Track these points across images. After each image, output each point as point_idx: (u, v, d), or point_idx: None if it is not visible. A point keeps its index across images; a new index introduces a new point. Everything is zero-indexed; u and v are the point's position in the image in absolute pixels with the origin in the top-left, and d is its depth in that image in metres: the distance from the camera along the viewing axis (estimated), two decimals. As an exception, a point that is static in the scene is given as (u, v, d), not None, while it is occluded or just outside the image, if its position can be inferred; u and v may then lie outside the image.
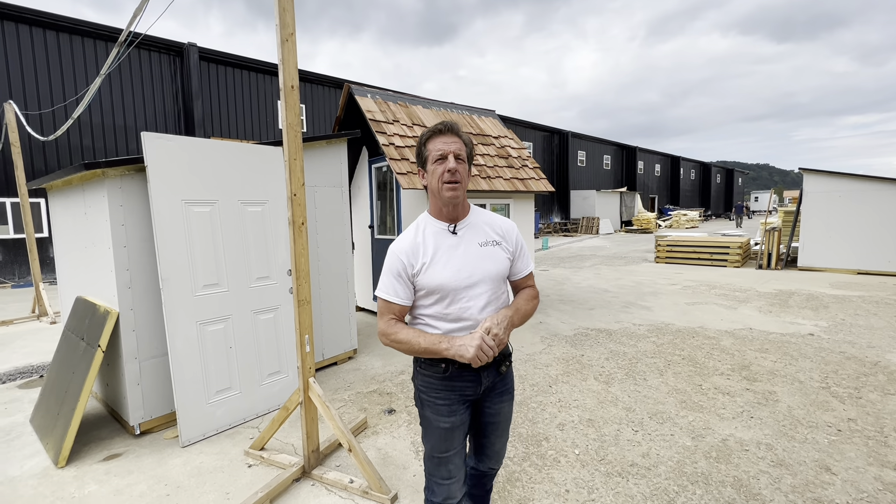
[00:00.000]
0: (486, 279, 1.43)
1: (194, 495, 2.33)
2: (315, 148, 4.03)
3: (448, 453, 1.48)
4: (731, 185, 48.21)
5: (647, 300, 6.77)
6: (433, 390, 1.46)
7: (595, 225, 23.16)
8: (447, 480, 1.49)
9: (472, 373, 1.44)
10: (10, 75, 10.08)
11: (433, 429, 1.47)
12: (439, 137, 1.41)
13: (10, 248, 10.39)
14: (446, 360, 1.41)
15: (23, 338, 5.55)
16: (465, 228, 1.47)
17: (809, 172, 9.32)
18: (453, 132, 1.42)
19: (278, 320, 3.31)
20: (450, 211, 1.45)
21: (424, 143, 1.43)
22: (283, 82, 2.24)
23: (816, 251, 9.18)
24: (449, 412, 1.46)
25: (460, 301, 1.41)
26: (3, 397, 3.70)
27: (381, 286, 1.44)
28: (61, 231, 3.71)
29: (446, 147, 1.39)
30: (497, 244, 1.48)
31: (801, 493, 2.23)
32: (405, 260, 1.41)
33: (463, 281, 1.41)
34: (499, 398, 1.54)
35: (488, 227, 1.50)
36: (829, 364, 3.94)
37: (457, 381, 1.44)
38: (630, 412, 3.13)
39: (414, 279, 1.42)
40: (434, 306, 1.43)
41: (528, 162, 6.44)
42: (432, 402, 1.46)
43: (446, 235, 1.45)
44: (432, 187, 1.43)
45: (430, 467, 1.51)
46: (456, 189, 1.39)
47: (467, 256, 1.43)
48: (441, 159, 1.39)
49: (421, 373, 1.49)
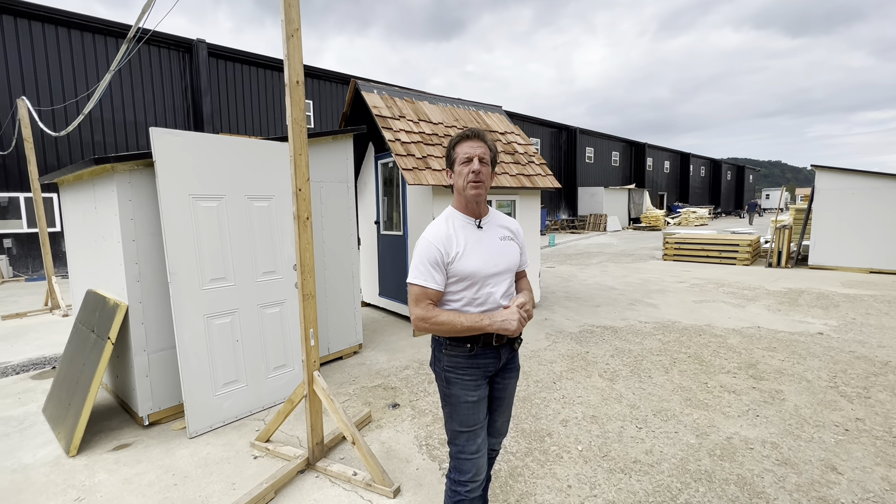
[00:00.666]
0: (507, 268, 1.62)
1: (201, 485, 2.37)
2: (321, 143, 4.05)
3: (476, 426, 1.61)
4: (741, 182, 47.61)
5: (653, 298, 6.72)
6: (460, 368, 1.59)
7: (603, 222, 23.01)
8: (476, 454, 1.61)
9: (493, 350, 1.60)
10: (24, 71, 10.23)
11: (462, 404, 1.59)
12: (467, 142, 1.58)
13: (24, 243, 10.58)
14: (471, 341, 1.56)
15: (36, 330, 5.65)
16: (488, 224, 1.65)
17: (822, 169, 9.18)
18: (480, 138, 1.59)
19: (284, 314, 3.34)
20: (474, 207, 1.62)
21: (453, 147, 1.60)
22: (289, 78, 2.25)
23: (828, 249, 9.04)
24: (475, 386, 1.60)
25: (487, 286, 1.57)
26: (17, 387, 3.79)
27: (417, 274, 1.53)
28: (72, 225, 3.77)
29: (472, 151, 1.55)
30: (512, 239, 1.69)
31: (806, 492, 2.21)
32: (442, 249, 1.53)
33: (490, 269, 1.57)
34: (509, 374, 1.71)
35: (503, 224, 1.70)
36: (838, 363, 3.90)
37: (481, 359, 1.59)
38: (634, 409, 3.12)
39: (448, 266, 1.54)
40: (464, 292, 1.57)
41: (535, 158, 6.41)
42: (460, 379, 1.59)
43: (473, 229, 1.61)
44: (458, 186, 1.59)
45: (461, 443, 1.61)
46: (479, 188, 1.56)
47: (492, 248, 1.61)
48: (467, 161, 1.55)
49: (447, 354, 1.61)
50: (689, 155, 38.22)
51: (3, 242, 10.30)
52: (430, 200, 4.93)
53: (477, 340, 1.57)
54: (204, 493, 2.31)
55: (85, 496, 2.29)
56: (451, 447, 1.66)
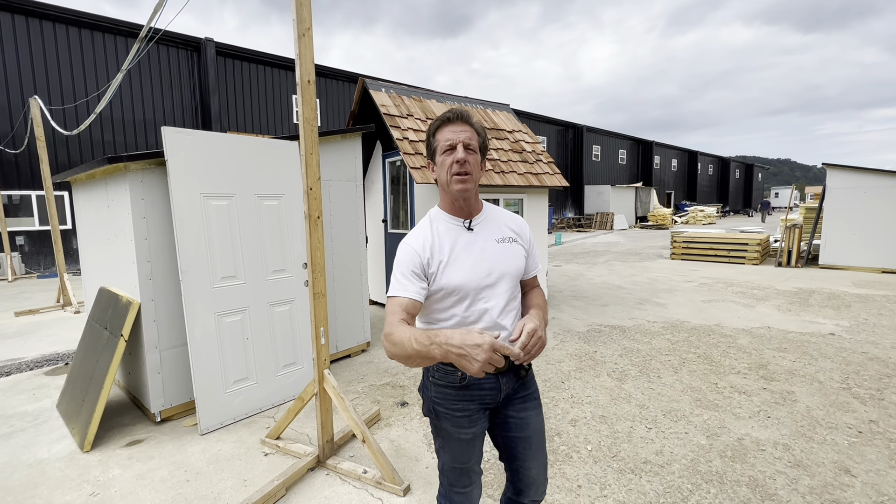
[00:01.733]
0: (505, 276, 1.34)
1: (213, 481, 2.39)
2: (330, 142, 4.06)
3: (470, 462, 1.41)
4: (750, 180, 47.14)
5: (661, 297, 6.68)
6: (450, 401, 1.35)
7: (609, 220, 22.89)
8: (468, 488, 1.44)
9: (490, 378, 1.34)
10: (35, 71, 10.35)
11: (453, 441, 1.37)
12: (448, 126, 1.30)
13: (36, 240, 10.72)
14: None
15: (48, 326, 5.73)
16: (481, 224, 1.37)
17: (833, 168, 9.06)
18: (463, 120, 1.30)
19: (294, 313, 3.36)
20: (461, 205, 1.35)
21: (433, 134, 1.32)
22: (300, 77, 2.26)
23: (839, 249, 8.93)
24: (469, 423, 1.35)
25: (480, 301, 1.30)
26: (31, 383, 3.84)
27: (393, 282, 1.30)
28: (85, 223, 3.81)
29: (455, 136, 1.27)
30: (514, 240, 1.39)
31: (819, 494, 2.19)
32: (422, 254, 1.29)
33: (483, 279, 1.30)
34: (521, 404, 1.41)
35: (503, 223, 1.41)
36: (851, 364, 3.85)
37: (475, 390, 1.33)
38: (644, 409, 3.10)
39: (430, 277, 1.30)
40: (453, 309, 1.31)
41: (543, 156, 6.38)
42: (450, 415, 1.35)
43: (461, 231, 1.34)
44: (442, 180, 1.32)
45: (451, 478, 1.43)
46: (466, 181, 1.28)
47: (485, 253, 1.33)
48: (450, 150, 1.28)
49: (435, 384, 1.37)
50: (697, 153, 37.90)
51: (16, 240, 10.44)
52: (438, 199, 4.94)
53: None
54: (216, 489, 2.33)
55: (100, 491, 2.32)
56: (441, 476, 1.47)
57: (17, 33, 10.12)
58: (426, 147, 1.37)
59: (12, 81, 10.09)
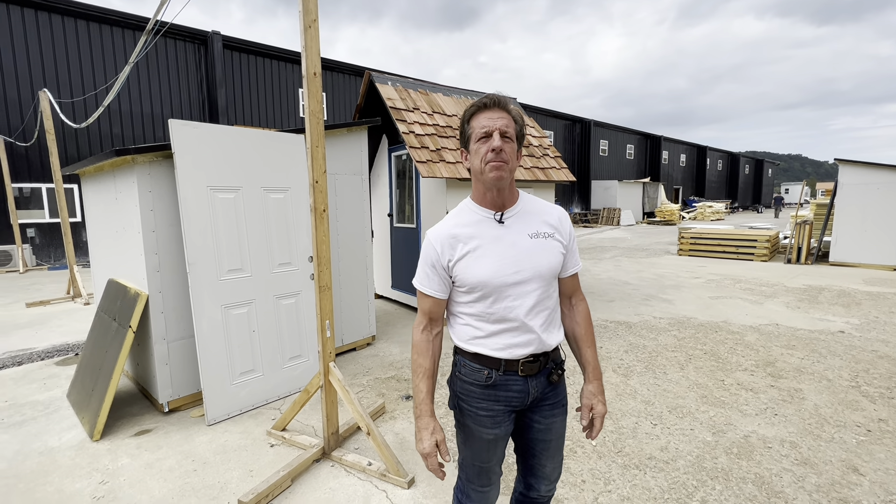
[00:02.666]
0: (536, 276, 1.26)
1: (220, 471, 2.42)
2: (336, 136, 4.05)
3: (490, 462, 1.37)
4: (760, 176, 46.54)
5: (668, 293, 6.64)
6: (474, 399, 1.32)
7: (616, 216, 22.74)
8: (486, 488, 1.41)
9: (518, 380, 1.29)
10: (45, 64, 10.42)
11: (476, 440, 1.34)
12: (484, 113, 1.22)
13: (46, 232, 10.85)
14: (490, 366, 1.29)
15: (58, 318, 5.81)
16: (514, 217, 1.29)
17: (845, 163, 8.91)
18: (500, 106, 1.23)
19: (299, 306, 3.37)
20: (494, 196, 1.27)
21: (468, 120, 1.25)
22: (306, 69, 2.25)
23: (850, 246, 8.81)
24: (493, 423, 1.31)
25: (505, 300, 1.25)
26: (42, 373, 3.90)
27: (417, 274, 1.34)
28: (94, 216, 3.84)
29: (492, 123, 1.20)
30: (550, 235, 1.29)
31: (827, 492, 2.17)
32: (439, 249, 1.27)
33: (509, 277, 1.24)
34: (550, 411, 1.36)
35: (540, 216, 1.31)
36: (860, 362, 3.81)
37: (501, 391, 1.30)
38: (649, 405, 3.09)
39: (451, 271, 1.27)
40: (476, 304, 1.28)
41: (550, 151, 6.34)
42: (474, 413, 1.32)
43: (491, 225, 1.27)
44: (475, 169, 1.25)
45: (470, 474, 1.40)
46: (501, 169, 1.20)
47: (514, 249, 1.25)
48: (485, 137, 1.21)
49: (460, 379, 1.34)
50: (706, 148, 37.47)
51: (27, 232, 10.57)
52: (444, 193, 4.92)
53: (497, 365, 1.28)
54: (222, 479, 2.36)
55: (109, 479, 2.36)
56: (460, 471, 1.44)
57: (27, 27, 10.18)
58: (460, 135, 1.30)
59: (22, 75, 10.18)
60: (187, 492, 2.26)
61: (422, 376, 1.29)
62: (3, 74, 9.96)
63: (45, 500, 2.21)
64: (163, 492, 2.26)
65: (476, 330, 1.30)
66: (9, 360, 4.20)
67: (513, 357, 1.28)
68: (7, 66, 9.99)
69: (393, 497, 2.19)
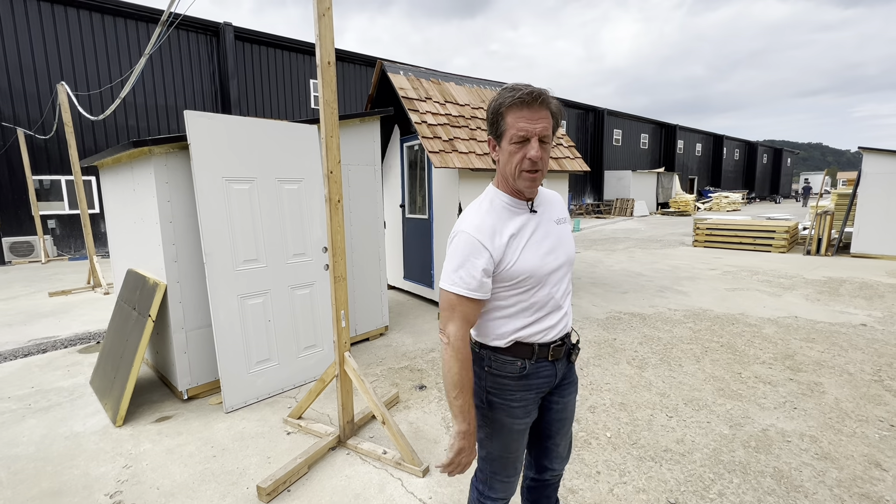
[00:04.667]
0: (568, 260, 1.30)
1: (238, 458, 2.47)
2: (348, 126, 4.04)
3: (519, 452, 1.38)
4: (778, 165, 45.40)
5: (683, 285, 6.54)
6: (507, 391, 1.30)
7: (629, 207, 22.43)
8: (511, 477, 1.41)
9: (548, 365, 1.31)
10: (61, 57, 10.56)
11: (507, 431, 1.33)
12: (525, 111, 1.12)
13: (66, 224, 11.08)
14: (522, 357, 1.28)
15: (80, 307, 5.96)
16: (541, 206, 1.30)
17: (870, 152, 8.63)
18: (543, 104, 1.13)
19: (314, 296, 3.40)
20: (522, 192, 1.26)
21: (503, 113, 1.15)
22: (320, 58, 2.23)
23: (873, 237, 8.57)
24: (524, 413, 1.32)
25: (548, 286, 1.26)
26: (66, 360, 4.01)
27: (453, 277, 1.19)
28: (112, 207, 3.90)
29: (531, 127, 1.12)
30: (566, 220, 1.36)
31: (848, 487, 2.14)
32: (488, 244, 1.18)
33: (551, 264, 1.25)
34: (567, 390, 1.41)
35: (554, 202, 1.35)
36: (883, 356, 3.72)
37: (534, 379, 1.30)
38: (664, 398, 3.06)
39: (498, 265, 1.21)
40: (518, 296, 1.24)
41: (563, 140, 6.25)
42: (506, 406, 1.30)
43: (525, 214, 1.26)
44: (506, 170, 1.20)
45: (496, 466, 1.39)
46: (536, 179, 1.17)
47: (550, 236, 1.27)
48: (522, 142, 1.14)
49: (491, 374, 1.31)
50: (722, 137, 36.62)
51: (48, 223, 10.82)
52: (457, 184, 4.89)
53: (531, 355, 1.28)
54: (241, 465, 2.41)
55: (132, 464, 2.42)
56: (483, 463, 1.41)
57: (44, 21, 10.30)
58: (490, 124, 1.21)
59: (40, 68, 10.33)
60: (207, 477, 2.31)
61: (471, 391, 1.24)
62: (21, 68, 10.13)
63: (72, 482, 2.28)
64: (184, 476, 2.31)
65: (513, 323, 1.27)
66: (34, 347, 4.32)
67: (545, 341, 1.29)
68: (25, 60, 10.14)
69: (408, 485, 2.21)
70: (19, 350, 4.25)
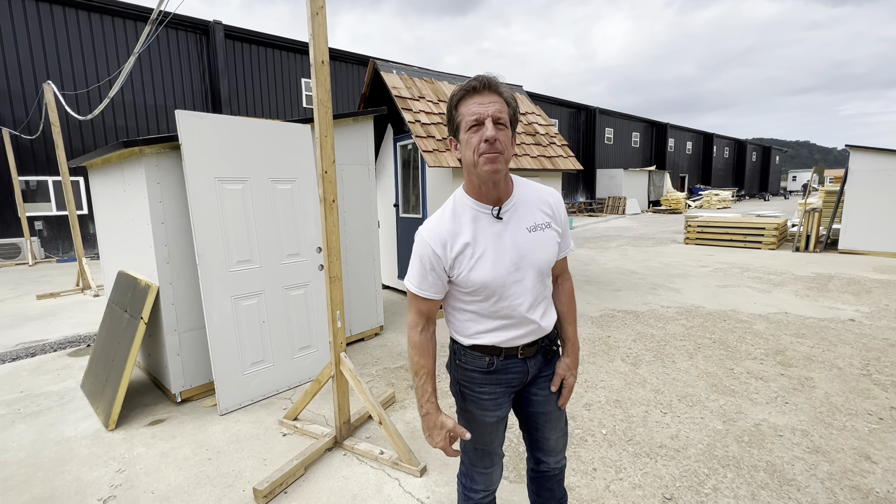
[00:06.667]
0: (536, 271, 1.25)
1: (233, 460, 2.45)
2: (342, 125, 4.02)
3: (493, 444, 1.41)
4: (767, 163, 45.98)
5: (675, 282, 6.61)
6: (476, 385, 1.33)
7: (621, 205, 22.59)
8: (489, 469, 1.44)
9: (518, 362, 1.32)
10: (47, 56, 10.38)
11: (477, 423, 1.36)
12: (474, 98, 1.12)
13: (54, 225, 10.91)
14: (490, 353, 1.30)
15: (69, 309, 5.87)
16: (511, 210, 1.24)
17: (857, 149, 8.77)
18: (491, 89, 1.12)
19: (308, 296, 3.38)
20: (490, 189, 1.19)
21: (455, 106, 1.15)
22: (314, 58, 2.22)
23: (860, 233, 8.71)
24: (495, 406, 1.35)
25: (508, 298, 1.23)
26: (56, 364, 3.95)
27: (409, 274, 1.27)
28: (102, 208, 3.85)
29: (483, 109, 1.10)
30: (547, 225, 1.27)
31: (839, 480, 2.17)
32: (438, 251, 1.20)
33: (511, 276, 1.22)
34: (546, 382, 1.40)
35: (536, 205, 1.27)
36: (871, 351, 3.78)
37: (502, 374, 1.32)
38: (658, 394, 3.09)
39: (450, 272, 1.22)
40: (478, 303, 1.26)
41: (556, 139, 6.27)
42: (476, 398, 1.34)
43: (489, 221, 1.21)
44: (467, 161, 1.16)
45: (473, 458, 1.43)
46: (496, 161, 1.12)
47: (514, 247, 1.22)
48: (476, 126, 1.11)
49: (462, 367, 1.35)
50: (712, 135, 37.00)
51: (35, 225, 10.64)
52: (451, 182, 4.89)
53: (498, 353, 1.29)
54: (237, 467, 2.39)
55: (125, 468, 2.40)
56: (463, 456, 1.47)
57: (29, 19, 10.12)
58: (448, 122, 1.21)
59: (26, 67, 10.15)
60: (203, 480, 2.29)
61: (426, 377, 1.29)
62: (6, 67, 9.94)
63: (64, 487, 2.25)
64: (178, 480, 2.29)
65: (477, 325, 1.29)
66: (22, 351, 4.25)
67: (514, 346, 1.31)
68: (10, 58, 9.96)
69: (406, 485, 2.21)
70: (7, 354, 4.17)
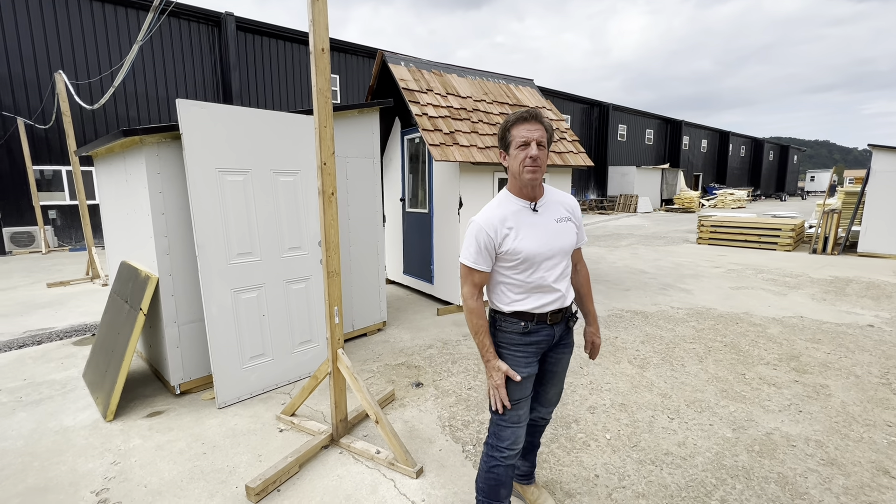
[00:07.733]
0: (561, 251, 1.64)
1: (229, 455, 2.42)
2: (347, 117, 3.95)
3: (522, 399, 1.67)
4: (784, 163, 44.96)
5: (687, 283, 6.45)
6: (513, 345, 1.66)
7: (633, 203, 22.27)
8: (517, 424, 1.68)
9: (547, 328, 1.67)
10: (62, 45, 10.47)
11: (510, 379, 1.64)
12: (524, 125, 1.55)
13: (67, 214, 11.06)
14: (525, 318, 1.63)
15: (77, 298, 5.92)
16: (544, 206, 1.65)
17: (880, 149, 8.48)
18: (537, 120, 1.56)
19: (310, 290, 3.34)
20: (529, 191, 1.62)
21: (509, 129, 1.58)
22: (314, 45, 2.15)
23: (881, 236, 8.43)
24: (526, 363, 1.66)
25: (540, 270, 1.61)
26: (60, 353, 3.97)
27: (466, 255, 1.61)
28: (106, 198, 3.84)
29: (530, 135, 1.53)
30: (569, 219, 1.68)
31: (855, 495, 2.07)
32: (491, 233, 1.57)
33: (545, 252, 1.60)
34: (562, 349, 1.77)
35: (560, 204, 1.69)
36: (891, 358, 3.63)
37: (534, 336, 1.66)
38: (666, 399, 3.00)
39: (499, 250, 1.59)
40: (518, 274, 1.61)
41: (567, 134, 6.14)
42: (512, 355, 1.66)
43: (528, 213, 1.62)
44: (513, 170, 1.59)
45: (504, 414, 1.67)
46: (536, 172, 1.55)
47: (547, 231, 1.62)
48: (524, 146, 1.54)
49: (501, 330, 1.68)
50: (728, 133, 36.27)
51: (48, 214, 10.79)
52: (457, 177, 4.80)
53: (531, 318, 1.63)
54: (231, 462, 2.36)
55: (120, 460, 2.38)
56: (492, 413, 1.71)
57: (44, 7, 10.20)
58: (499, 140, 1.64)
59: (40, 57, 10.25)
60: (196, 475, 2.26)
61: (485, 332, 1.63)
62: (21, 56, 10.05)
63: (59, 478, 2.24)
64: (172, 474, 2.27)
65: (515, 294, 1.65)
66: (29, 339, 4.29)
67: (543, 311, 1.64)
68: (25, 48, 10.06)
69: (401, 486, 2.16)
70: (14, 341, 4.21)
